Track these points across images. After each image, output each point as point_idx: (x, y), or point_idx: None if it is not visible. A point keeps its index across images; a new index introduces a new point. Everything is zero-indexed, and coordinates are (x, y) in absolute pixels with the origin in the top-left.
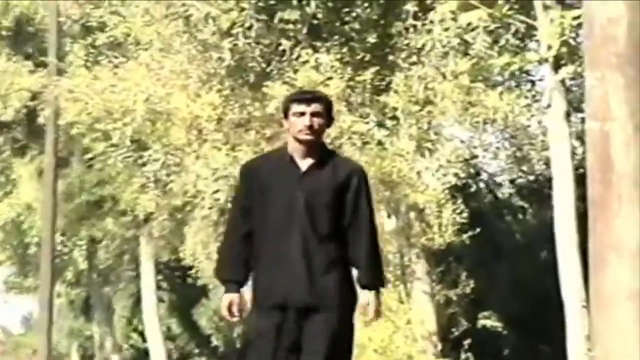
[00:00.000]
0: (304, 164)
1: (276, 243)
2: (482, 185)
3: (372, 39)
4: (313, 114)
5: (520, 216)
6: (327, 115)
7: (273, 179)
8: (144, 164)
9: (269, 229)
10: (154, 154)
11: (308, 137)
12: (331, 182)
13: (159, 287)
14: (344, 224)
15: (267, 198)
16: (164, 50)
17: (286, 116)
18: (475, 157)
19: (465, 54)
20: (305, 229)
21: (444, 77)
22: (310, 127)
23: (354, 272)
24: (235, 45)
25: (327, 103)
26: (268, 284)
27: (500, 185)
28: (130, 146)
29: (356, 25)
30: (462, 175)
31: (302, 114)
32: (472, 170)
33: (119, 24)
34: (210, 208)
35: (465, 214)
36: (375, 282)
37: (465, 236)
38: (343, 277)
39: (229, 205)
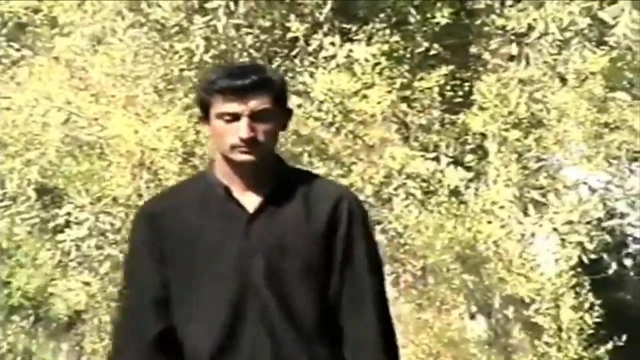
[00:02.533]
0: (250, 200)
1: (219, 348)
2: (628, 262)
3: (442, 17)
4: (255, 115)
5: None
6: (280, 110)
7: (199, 231)
8: (59, 229)
9: (203, 323)
10: (76, 213)
11: (248, 158)
12: (306, 225)
13: None
14: (331, 294)
15: (194, 268)
16: (97, 39)
17: (206, 117)
18: (615, 216)
19: (600, 43)
20: (272, 318)
21: (563, 81)
22: (252, 141)
23: None
24: (212, 29)
25: (277, 87)
26: None
27: None
28: (38, 199)
29: None
30: (594, 247)
31: (235, 116)
32: (609, 239)
33: None
34: None
35: (600, 312)
36: None
37: (602, 349)
38: None
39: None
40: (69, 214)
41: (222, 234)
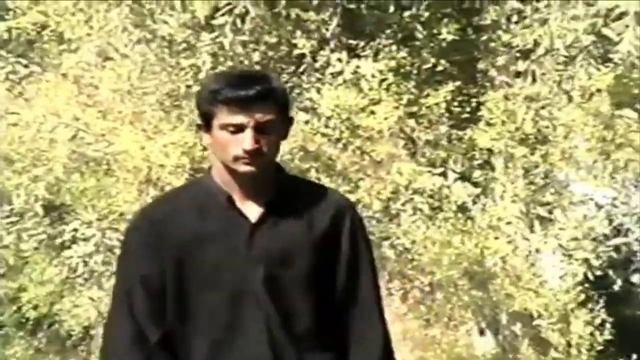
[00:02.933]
0: (252, 209)
1: (218, 354)
2: (635, 279)
3: (448, 34)
4: (259, 127)
5: None
6: (283, 119)
7: (201, 238)
8: (66, 246)
9: (202, 330)
10: (82, 229)
11: (250, 169)
12: (308, 235)
13: None
14: (335, 304)
15: (195, 277)
16: (104, 55)
17: (207, 125)
18: (621, 232)
19: (605, 60)
20: (272, 326)
21: (570, 98)
22: (256, 152)
23: None
24: (219, 45)
25: (281, 97)
26: None
27: None
28: (45, 215)
29: (421, 12)
30: (600, 263)
31: (239, 127)
32: (615, 255)
33: (27, 9)
34: None
35: (608, 328)
36: None
37: None
38: None
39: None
40: (75, 230)
41: (224, 242)
